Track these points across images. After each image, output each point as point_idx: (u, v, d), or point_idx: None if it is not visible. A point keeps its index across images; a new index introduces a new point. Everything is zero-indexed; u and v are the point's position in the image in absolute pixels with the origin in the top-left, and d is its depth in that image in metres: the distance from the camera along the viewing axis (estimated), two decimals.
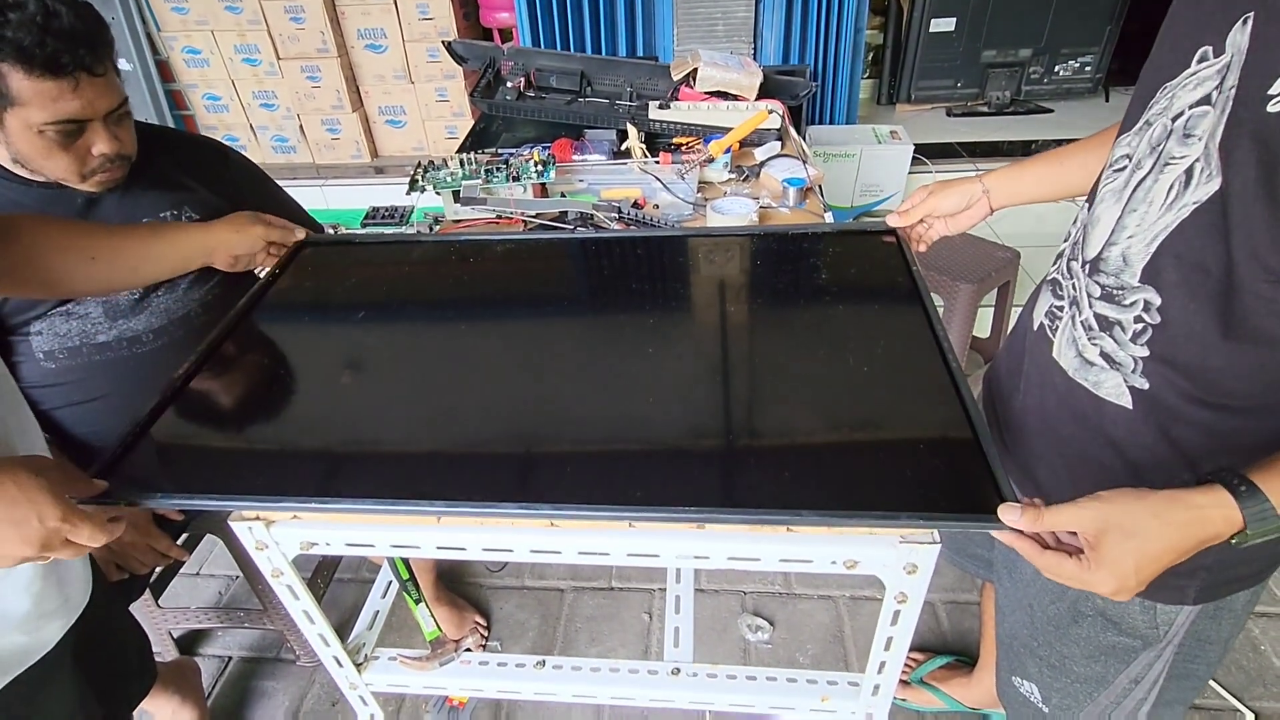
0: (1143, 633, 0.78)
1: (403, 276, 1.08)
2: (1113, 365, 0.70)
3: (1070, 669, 0.85)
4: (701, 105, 1.56)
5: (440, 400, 0.83)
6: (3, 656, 0.69)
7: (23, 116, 0.89)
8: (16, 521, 0.57)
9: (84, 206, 1.04)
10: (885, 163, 2.68)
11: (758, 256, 1.04)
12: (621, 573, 1.72)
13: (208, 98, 3.18)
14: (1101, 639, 0.81)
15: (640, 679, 0.95)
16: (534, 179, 1.29)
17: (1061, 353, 0.76)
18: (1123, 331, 0.68)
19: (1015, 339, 0.87)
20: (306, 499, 0.69)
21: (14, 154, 0.95)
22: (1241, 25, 0.57)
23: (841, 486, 0.68)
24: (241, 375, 0.88)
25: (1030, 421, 0.82)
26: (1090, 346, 0.72)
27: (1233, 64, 0.58)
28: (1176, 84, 0.63)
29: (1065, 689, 0.86)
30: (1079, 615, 0.81)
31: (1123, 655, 0.80)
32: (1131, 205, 0.66)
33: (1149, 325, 0.66)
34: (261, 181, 1.29)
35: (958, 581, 1.66)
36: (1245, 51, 0.57)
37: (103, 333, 1.08)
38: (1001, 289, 2.01)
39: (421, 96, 3.12)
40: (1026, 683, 0.91)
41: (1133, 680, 0.82)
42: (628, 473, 0.72)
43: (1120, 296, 0.68)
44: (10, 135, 0.92)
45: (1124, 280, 0.67)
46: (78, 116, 0.91)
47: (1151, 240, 0.64)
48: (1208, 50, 0.60)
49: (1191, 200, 0.60)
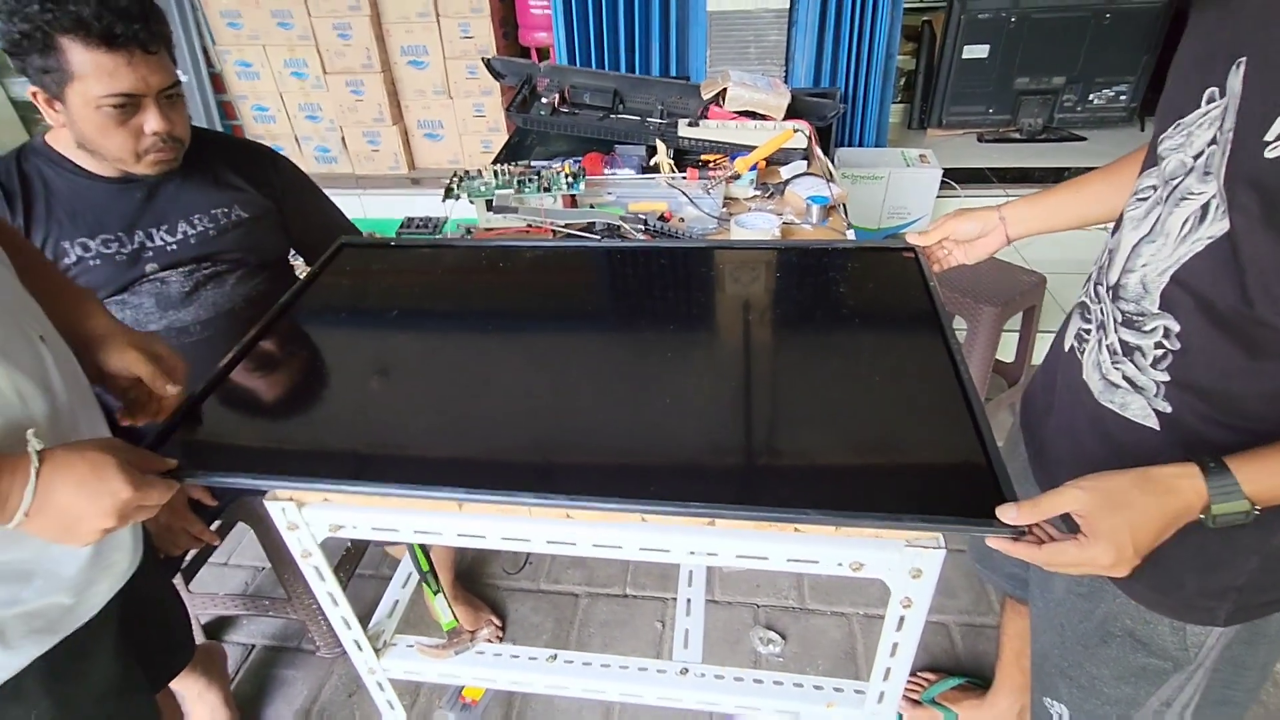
0: (1173, 654, 0.77)
1: (435, 279, 1.12)
2: (1135, 389, 0.71)
3: (1100, 690, 0.84)
4: (729, 124, 1.60)
5: (465, 398, 0.87)
6: (51, 617, 0.74)
7: (82, 91, 0.96)
8: (95, 495, 0.63)
9: (144, 200, 1.12)
10: (913, 186, 2.70)
11: (778, 270, 1.07)
12: (636, 580, 1.74)
13: (256, 109, 3.31)
14: (1131, 660, 0.80)
15: (649, 677, 0.97)
16: (564, 190, 1.34)
17: (1089, 375, 0.77)
18: (1143, 357, 0.70)
19: (1050, 361, 0.88)
20: (338, 481, 0.73)
21: (77, 136, 1.02)
22: (1236, 69, 0.60)
23: (849, 490, 0.70)
24: (280, 367, 0.93)
25: (1062, 442, 0.83)
26: (1114, 370, 0.73)
27: (1229, 107, 0.60)
28: (1192, 122, 0.65)
29: (1095, 711, 0.85)
30: (1108, 635, 0.81)
31: (1153, 677, 0.80)
32: (1150, 236, 0.68)
33: (1169, 351, 0.67)
34: (309, 189, 1.36)
35: (973, 604, 1.65)
36: (1240, 96, 0.59)
37: (154, 322, 1.14)
38: (1027, 313, 2.00)
39: (459, 111, 3.22)
40: (1057, 704, 0.90)
41: (1164, 703, 0.81)
42: (642, 470, 0.74)
43: (1140, 323, 0.70)
44: (73, 113, 0.99)
45: (1144, 307, 0.69)
46: (132, 91, 0.98)
47: (1164, 270, 0.66)
48: (1214, 91, 0.62)
49: (1206, 235, 0.62)
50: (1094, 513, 0.60)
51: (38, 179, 1.07)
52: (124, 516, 0.65)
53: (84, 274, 1.08)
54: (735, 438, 0.77)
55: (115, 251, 1.10)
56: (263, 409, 0.89)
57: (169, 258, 1.14)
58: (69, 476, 0.62)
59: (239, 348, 0.93)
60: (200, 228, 1.16)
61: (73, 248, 1.07)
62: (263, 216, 1.24)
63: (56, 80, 0.96)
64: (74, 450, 0.64)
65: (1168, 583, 0.73)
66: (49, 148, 1.08)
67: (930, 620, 1.63)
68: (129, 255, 1.11)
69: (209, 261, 1.18)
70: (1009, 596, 1.20)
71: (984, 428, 0.73)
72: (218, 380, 0.88)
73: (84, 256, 1.08)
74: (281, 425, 0.87)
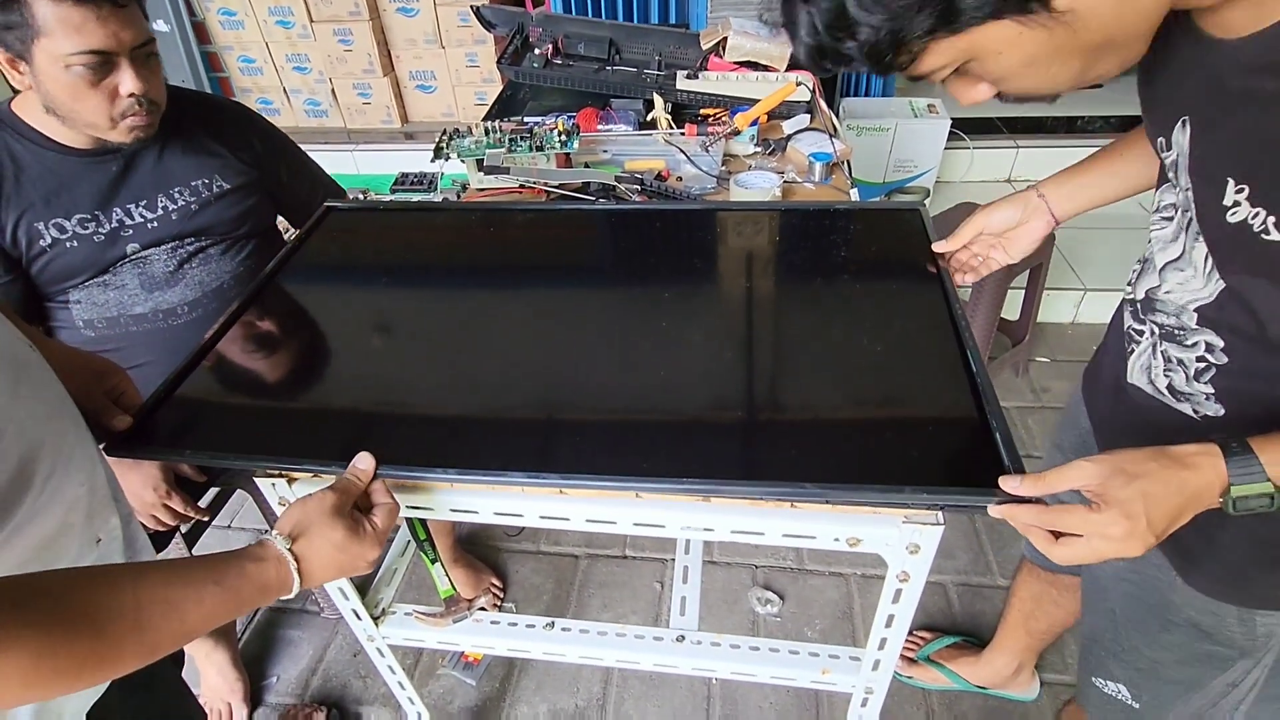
0: (1240, 644, 0.75)
1: (424, 244, 1.09)
2: (1183, 398, 0.69)
3: (1161, 673, 0.82)
4: (730, 76, 1.54)
5: (455, 367, 0.85)
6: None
7: (49, 49, 0.90)
8: (352, 562, 0.67)
9: (120, 173, 1.06)
10: (920, 138, 2.61)
11: (777, 232, 1.03)
12: (635, 542, 1.75)
13: (242, 60, 3.20)
14: (1195, 647, 0.78)
15: (646, 644, 0.98)
16: (557, 149, 1.29)
17: (1136, 378, 0.75)
18: (1186, 368, 0.68)
19: (1112, 334, 0.84)
20: (323, 463, 0.72)
21: (46, 100, 0.96)
22: (1182, 127, 0.60)
23: (847, 463, 0.68)
24: (265, 340, 0.91)
25: (1125, 415, 0.79)
26: (1162, 377, 0.71)
27: (1179, 163, 0.61)
28: (1166, 160, 0.65)
29: (1156, 689, 0.84)
30: (1168, 624, 0.78)
31: (1219, 663, 0.77)
32: (1179, 264, 0.66)
33: (1212, 364, 0.65)
34: (291, 150, 1.31)
35: (971, 564, 1.66)
36: (1187, 155, 0.60)
37: (139, 304, 1.11)
38: (1033, 271, 1.96)
39: (452, 62, 3.11)
40: (1111, 683, 0.89)
41: (1230, 684, 0.79)
42: (636, 443, 0.73)
43: (1181, 336, 0.67)
44: (40, 74, 0.93)
45: (1183, 321, 0.67)
46: (103, 48, 0.92)
47: (1191, 303, 0.65)
48: (1162, 142, 0.64)
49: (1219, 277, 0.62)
50: (1106, 483, 0.56)
51: (5, 154, 1.01)
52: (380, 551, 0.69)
53: (61, 256, 1.03)
54: (731, 410, 0.75)
55: (93, 232, 1.05)
56: (249, 384, 0.87)
57: (150, 235, 1.09)
58: (324, 560, 0.65)
59: (222, 322, 0.90)
60: (181, 202, 1.11)
61: (47, 229, 1.02)
62: (246, 185, 1.18)
63: (20, 38, 0.91)
64: (315, 537, 0.64)
65: (1234, 576, 0.71)
66: (15, 116, 1.02)
67: (929, 580, 1.63)
68: (107, 235, 1.06)
69: (192, 237, 1.13)
70: (1028, 559, 1.19)
71: (987, 396, 0.70)
72: (200, 356, 0.86)
73: (59, 238, 1.03)
74: (268, 400, 0.85)
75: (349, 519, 0.66)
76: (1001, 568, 1.64)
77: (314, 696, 1.50)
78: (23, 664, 0.46)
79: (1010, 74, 0.53)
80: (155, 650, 0.54)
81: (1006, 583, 1.55)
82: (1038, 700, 1.40)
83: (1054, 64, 0.51)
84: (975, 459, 0.65)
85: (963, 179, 2.89)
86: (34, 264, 1.03)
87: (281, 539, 0.63)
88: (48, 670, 0.48)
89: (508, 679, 1.50)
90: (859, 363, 0.79)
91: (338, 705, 1.47)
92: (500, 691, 1.48)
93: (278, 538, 0.63)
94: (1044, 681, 1.42)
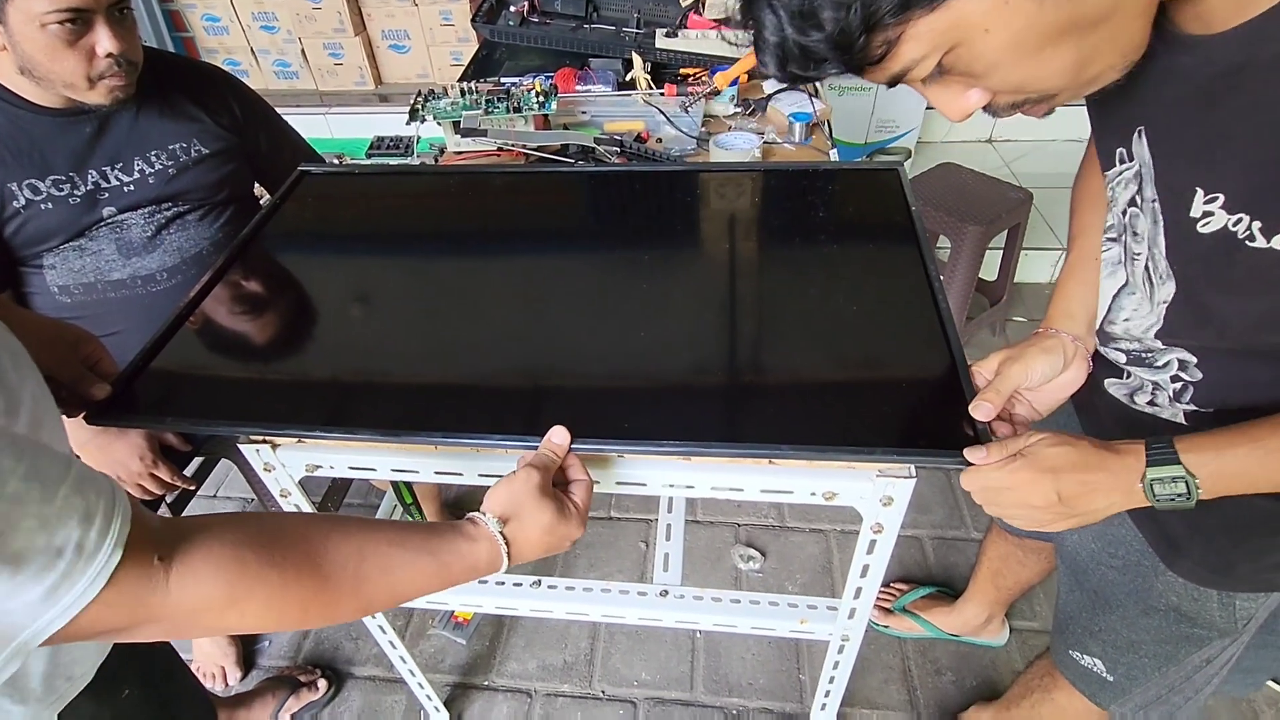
0: (1219, 626, 0.75)
1: (401, 209, 1.08)
2: (1162, 420, 0.68)
3: (1138, 650, 0.84)
4: (710, 34, 1.51)
5: (435, 332, 0.85)
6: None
7: (24, 8, 0.88)
8: (558, 541, 0.66)
9: (94, 135, 1.04)
10: (902, 98, 2.59)
11: (756, 194, 1.03)
12: (620, 503, 1.78)
13: (207, 19, 3.09)
14: (1174, 630, 0.79)
15: (630, 599, 1.01)
16: (535, 110, 1.27)
17: (1113, 390, 0.74)
18: (1163, 391, 0.67)
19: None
20: (305, 426, 0.72)
21: (21, 60, 0.93)
22: (1138, 136, 0.58)
23: (823, 422, 0.70)
24: (244, 306, 0.91)
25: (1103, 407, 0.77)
26: (1145, 394, 0.70)
27: (1144, 174, 0.59)
28: (1112, 177, 0.64)
29: (1133, 663, 0.85)
30: (1150, 609, 0.80)
31: (1196, 642, 0.79)
32: (1129, 288, 0.66)
33: (1189, 383, 0.64)
34: (269, 114, 1.28)
35: (946, 519, 1.71)
36: (1151, 167, 0.57)
37: (117, 270, 1.09)
38: (1011, 231, 1.98)
39: (425, 20, 3.02)
40: (1088, 657, 0.91)
41: (1205, 660, 0.80)
42: (617, 405, 0.74)
43: (1151, 359, 0.67)
44: (14, 34, 0.90)
45: (1148, 344, 0.66)
46: (79, 5, 0.90)
47: (1149, 328, 0.65)
48: (1122, 152, 0.61)
49: (1161, 299, 0.62)
50: (1038, 443, 0.59)
51: None
52: (583, 531, 0.68)
53: (35, 219, 1.01)
54: (710, 371, 0.76)
55: (68, 194, 1.02)
56: (229, 349, 0.87)
57: (127, 199, 1.07)
58: (533, 543, 0.64)
59: (198, 289, 0.89)
60: (159, 166, 1.09)
61: (21, 190, 1.00)
62: (225, 150, 1.16)
63: None
64: (525, 519, 0.64)
65: (1220, 563, 0.71)
66: None
67: (905, 534, 1.69)
68: (83, 197, 1.03)
69: (170, 202, 1.11)
70: (996, 523, 1.24)
71: (959, 357, 0.72)
72: (178, 324, 0.85)
73: (33, 200, 1.00)
74: (250, 365, 0.85)
75: (556, 499, 0.65)
76: (975, 521, 1.70)
77: (306, 659, 1.53)
78: (258, 599, 0.50)
79: (998, 62, 0.46)
80: (369, 605, 0.57)
81: (979, 536, 1.60)
82: (1006, 647, 1.46)
83: (1046, 47, 0.45)
84: (945, 419, 0.67)
85: (944, 139, 2.88)
86: (7, 225, 1.01)
87: (495, 521, 0.63)
88: (277, 607, 0.51)
89: (497, 637, 1.54)
90: (835, 323, 0.80)
91: (330, 666, 1.50)
92: (490, 650, 1.52)
93: (491, 520, 0.63)
94: (1013, 629, 1.48)
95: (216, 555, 0.49)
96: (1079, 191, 0.80)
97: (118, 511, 0.45)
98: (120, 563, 0.44)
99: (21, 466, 0.41)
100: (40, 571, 0.41)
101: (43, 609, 0.42)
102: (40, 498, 0.41)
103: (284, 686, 1.43)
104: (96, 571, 0.43)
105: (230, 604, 0.49)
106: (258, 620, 0.51)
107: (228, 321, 0.88)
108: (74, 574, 0.42)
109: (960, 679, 1.43)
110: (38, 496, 0.41)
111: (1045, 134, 2.84)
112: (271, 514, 0.52)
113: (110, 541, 0.44)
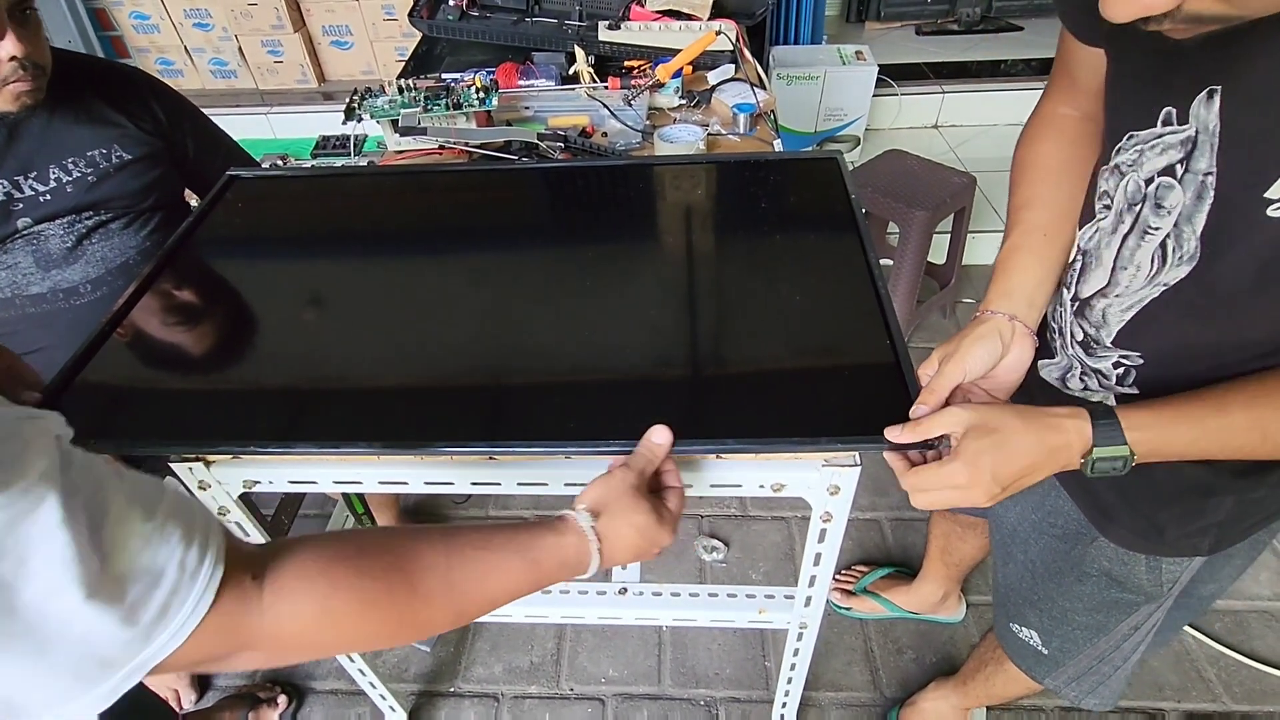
0: (1146, 590, 0.78)
1: (337, 211, 1.05)
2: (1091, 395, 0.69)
3: (1072, 619, 0.86)
4: (652, 25, 1.50)
5: (374, 337, 0.83)
6: None
7: None
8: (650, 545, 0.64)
9: (3, 143, 0.98)
10: (849, 86, 2.62)
11: (699, 186, 1.03)
12: None
13: (135, 16, 2.96)
14: (1105, 595, 0.82)
15: (589, 599, 1.00)
16: (476, 107, 1.25)
17: (1046, 373, 0.75)
18: (1105, 377, 0.68)
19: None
20: (239, 441, 0.70)
21: None
22: (1207, 98, 0.51)
23: (767, 415, 0.70)
24: (174, 317, 0.87)
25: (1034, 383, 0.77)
26: (1077, 381, 0.71)
27: (1200, 143, 0.52)
28: (1144, 140, 0.58)
29: (1066, 635, 0.88)
30: (1084, 575, 0.82)
31: (1125, 608, 0.82)
32: (1122, 261, 0.63)
33: (1131, 368, 0.65)
34: (195, 116, 1.22)
35: (903, 500, 1.74)
36: (1217, 134, 0.51)
37: (36, 284, 1.04)
38: (957, 215, 2.02)
39: (367, 14, 2.94)
40: (1026, 629, 0.93)
41: (1133, 627, 0.84)
42: (561, 405, 0.73)
43: (1094, 350, 0.68)
44: None
45: (1100, 337, 0.67)
46: None
47: (1129, 307, 0.64)
48: (1172, 113, 0.54)
49: (1167, 280, 0.60)
50: (966, 433, 0.59)
51: None
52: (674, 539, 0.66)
53: None
54: (654, 368, 0.76)
55: None
56: (159, 362, 0.83)
57: (43, 209, 1.01)
58: (625, 542, 0.62)
59: (124, 300, 0.86)
60: (77, 174, 1.03)
61: None
62: (149, 155, 1.10)
63: None
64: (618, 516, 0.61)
65: (1149, 529, 0.73)
66: None
67: (863, 518, 1.72)
68: None
69: (90, 211, 1.05)
70: None
71: (899, 343, 0.73)
72: (103, 337, 0.82)
73: None
74: (181, 378, 0.81)
75: (651, 500, 0.62)
76: None
77: (265, 676, 1.49)
78: (353, 614, 0.49)
79: None
80: (463, 613, 0.55)
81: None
82: (964, 622, 1.50)
83: None
84: (886, 405, 0.68)
85: (892, 125, 2.92)
86: None
87: (586, 515, 0.60)
88: (374, 620, 0.50)
89: (462, 643, 1.52)
90: (777, 315, 0.80)
91: (289, 682, 1.47)
92: (455, 656, 1.50)
93: (582, 513, 0.60)
94: (970, 604, 1.52)
95: (307, 571, 0.48)
96: (1024, 161, 0.76)
97: (214, 530, 0.45)
98: (221, 581, 0.44)
99: (126, 487, 0.41)
100: (148, 590, 0.40)
101: (157, 629, 0.40)
102: (143, 517, 0.41)
103: (243, 704, 1.39)
104: (202, 589, 0.42)
105: (325, 618, 0.48)
106: (354, 636, 0.50)
107: (158, 333, 0.85)
108: (181, 590, 0.41)
109: (920, 656, 1.46)
110: (140, 515, 0.41)
111: (989, 119, 2.90)
112: (355, 530, 0.51)
113: (210, 557, 0.43)
